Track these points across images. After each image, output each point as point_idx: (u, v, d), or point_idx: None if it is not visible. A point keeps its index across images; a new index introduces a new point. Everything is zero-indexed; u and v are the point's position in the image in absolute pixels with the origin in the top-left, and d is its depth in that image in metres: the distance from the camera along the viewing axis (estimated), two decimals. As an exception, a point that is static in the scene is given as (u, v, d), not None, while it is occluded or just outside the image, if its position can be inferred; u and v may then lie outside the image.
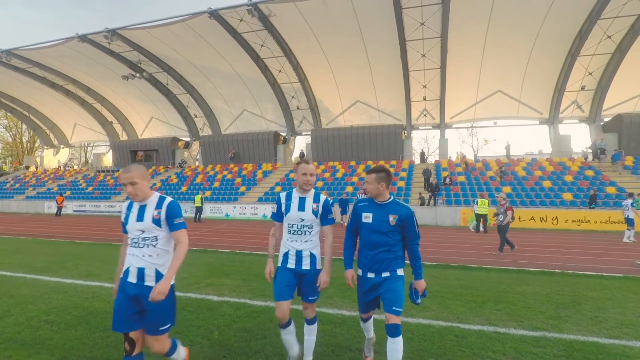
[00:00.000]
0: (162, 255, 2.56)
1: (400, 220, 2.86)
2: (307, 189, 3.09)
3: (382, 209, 2.92)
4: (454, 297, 5.35)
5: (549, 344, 3.68)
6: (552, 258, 9.16)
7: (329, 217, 3.10)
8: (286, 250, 3.09)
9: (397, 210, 2.90)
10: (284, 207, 3.11)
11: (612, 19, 20.12)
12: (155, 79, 30.11)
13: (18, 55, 28.33)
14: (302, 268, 3.04)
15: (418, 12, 20.90)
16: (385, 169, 2.94)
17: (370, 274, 2.92)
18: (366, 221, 2.94)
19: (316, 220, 3.08)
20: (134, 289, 2.51)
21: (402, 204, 2.96)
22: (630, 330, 4.09)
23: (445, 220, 18.80)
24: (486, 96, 26.42)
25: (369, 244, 2.92)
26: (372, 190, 2.94)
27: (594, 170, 21.15)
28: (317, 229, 3.12)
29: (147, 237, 2.55)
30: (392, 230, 2.86)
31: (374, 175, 2.91)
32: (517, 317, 4.51)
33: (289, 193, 3.17)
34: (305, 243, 3.04)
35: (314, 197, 3.11)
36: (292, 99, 29.01)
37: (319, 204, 3.08)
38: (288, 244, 3.08)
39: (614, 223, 16.31)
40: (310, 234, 3.06)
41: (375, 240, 2.88)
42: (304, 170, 3.06)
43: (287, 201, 3.12)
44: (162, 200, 2.61)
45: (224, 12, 22.30)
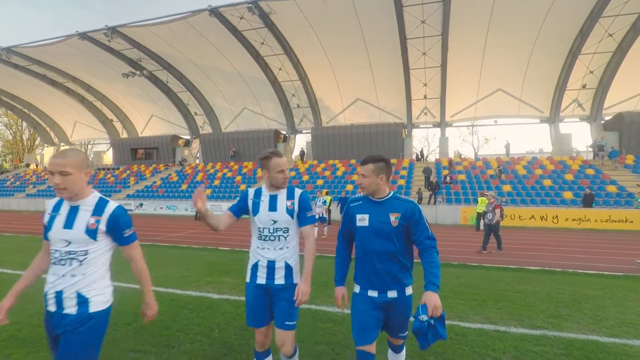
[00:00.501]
0: (88, 276, 1.92)
1: (405, 219, 2.27)
2: (284, 187, 2.54)
3: (380, 208, 2.34)
4: (454, 295, 5.35)
5: (549, 342, 3.68)
6: (553, 257, 9.16)
7: (308, 215, 2.54)
8: (255, 261, 2.49)
9: (398, 206, 2.31)
10: (251, 205, 2.54)
11: (613, 17, 20.06)
12: (155, 77, 30.07)
13: (18, 53, 28.30)
14: (274, 283, 2.44)
15: (419, 10, 20.84)
16: (384, 158, 2.37)
17: (371, 291, 2.32)
18: (362, 224, 2.35)
19: (293, 222, 2.50)
20: (53, 320, 1.93)
21: (403, 198, 2.39)
22: (630, 329, 4.09)
23: (446, 218, 18.80)
24: (487, 94, 26.38)
25: (367, 252, 2.33)
26: (370, 185, 2.34)
27: (595, 169, 21.13)
28: (295, 233, 2.53)
29: (74, 251, 1.90)
30: (396, 233, 2.27)
31: (372, 166, 2.32)
32: (518, 315, 4.51)
33: (258, 190, 2.60)
34: (280, 251, 2.45)
35: (288, 193, 2.55)
36: (293, 97, 28.97)
37: (295, 201, 2.51)
38: (258, 253, 2.48)
39: (614, 222, 16.32)
40: (285, 239, 2.47)
41: (374, 248, 2.29)
42: (279, 166, 2.47)
43: (255, 198, 2.55)
44: (102, 205, 1.97)
45: (224, 10, 22.26)
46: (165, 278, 6.24)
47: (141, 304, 2.21)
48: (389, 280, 2.29)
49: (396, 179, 23.16)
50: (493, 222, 9.50)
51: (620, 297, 5.47)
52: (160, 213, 24.09)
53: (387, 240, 2.28)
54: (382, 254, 2.29)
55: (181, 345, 3.49)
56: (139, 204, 25.25)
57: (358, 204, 2.44)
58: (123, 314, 4.18)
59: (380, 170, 2.33)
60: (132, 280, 6.27)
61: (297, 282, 2.46)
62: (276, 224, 2.47)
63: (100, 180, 30.97)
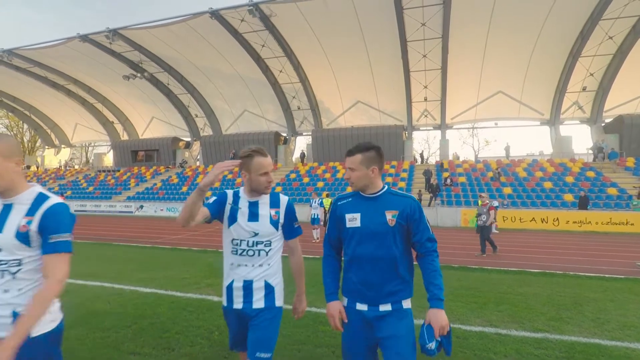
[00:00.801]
0: (26, 292, 1.54)
1: (403, 218, 1.92)
2: (267, 192, 2.14)
3: (373, 205, 1.98)
4: (455, 298, 5.33)
5: (551, 345, 3.67)
6: (553, 259, 9.14)
7: (295, 226, 2.20)
8: (230, 281, 2.09)
9: (396, 202, 1.96)
10: (228, 211, 2.12)
11: (613, 20, 20.09)
12: (156, 79, 30.13)
13: (19, 55, 28.38)
14: (252, 306, 2.05)
15: (419, 13, 20.89)
16: (375, 146, 2.03)
17: (360, 305, 1.94)
18: (352, 225, 1.98)
19: (277, 234, 2.13)
20: None
21: (401, 193, 2.05)
22: (632, 332, 4.08)
23: (446, 221, 18.77)
24: (487, 97, 26.40)
25: (358, 258, 1.95)
26: (359, 179, 1.98)
27: (595, 172, 21.12)
28: (278, 247, 2.16)
29: (4, 260, 1.53)
30: (394, 235, 1.91)
31: (360, 157, 1.96)
32: (519, 318, 4.50)
33: (236, 193, 2.18)
34: (260, 268, 2.06)
35: (271, 201, 2.15)
36: (293, 99, 29.01)
37: (280, 210, 2.14)
38: (233, 271, 2.08)
39: (615, 224, 16.28)
40: (267, 255, 2.08)
41: (368, 253, 1.92)
42: (262, 167, 2.06)
43: (233, 204, 2.13)
44: (40, 202, 1.61)
45: (225, 12, 22.32)
46: (166, 280, 6.24)
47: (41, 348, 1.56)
48: (384, 293, 1.91)
49: (397, 182, 23.14)
50: (487, 223, 9.48)
51: (621, 299, 5.46)
52: (160, 215, 24.09)
53: (383, 244, 1.91)
54: (377, 261, 1.92)
55: (181, 348, 3.49)
56: (140, 206, 25.25)
57: (347, 202, 2.06)
58: (123, 317, 4.18)
59: (370, 161, 1.96)
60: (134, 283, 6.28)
61: (280, 305, 2.12)
62: (257, 236, 2.07)
63: (101, 182, 30.98)
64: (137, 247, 10.30)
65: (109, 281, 6.10)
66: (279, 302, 2.12)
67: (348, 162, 2.01)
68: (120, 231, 14.65)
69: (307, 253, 9.27)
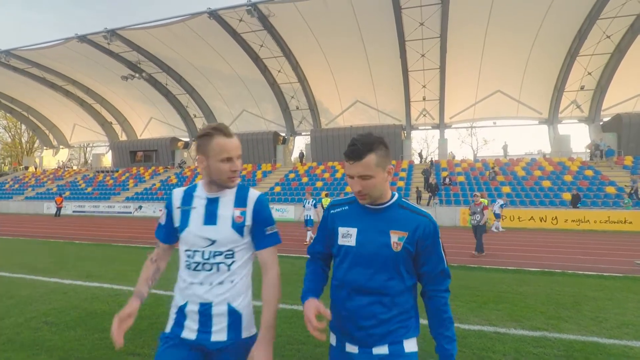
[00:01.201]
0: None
1: (413, 242, 1.46)
2: (231, 186, 1.61)
3: (376, 219, 1.50)
4: (454, 297, 5.32)
5: (550, 344, 3.67)
6: (552, 258, 9.16)
7: (267, 233, 1.61)
8: (183, 303, 1.57)
9: (406, 220, 1.48)
10: (178, 215, 1.63)
11: (611, 19, 20.16)
12: (154, 80, 30.10)
13: (17, 56, 28.33)
14: (210, 339, 1.52)
15: (417, 12, 20.92)
16: (382, 139, 1.52)
17: (351, 346, 1.50)
18: (346, 243, 1.52)
19: (242, 242, 1.58)
20: None
21: (414, 207, 1.54)
22: (630, 330, 4.09)
23: (445, 220, 18.80)
24: (486, 96, 26.45)
25: (348, 286, 1.50)
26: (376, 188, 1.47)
27: (594, 170, 21.18)
28: (246, 259, 1.62)
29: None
30: (396, 262, 1.45)
31: (374, 157, 1.43)
32: (518, 317, 4.50)
33: (189, 190, 1.67)
34: (220, 287, 1.54)
35: (237, 197, 1.62)
36: (292, 99, 29.02)
37: (247, 209, 1.60)
38: (186, 290, 1.57)
39: (614, 223, 16.34)
40: (229, 269, 1.55)
41: (361, 282, 1.47)
42: (224, 150, 1.53)
43: (183, 204, 1.63)
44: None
45: (223, 13, 22.31)
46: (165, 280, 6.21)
47: None
48: (379, 334, 1.45)
49: (395, 181, 23.16)
50: (481, 223, 9.46)
51: (620, 298, 5.47)
52: (159, 216, 24.04)
53: (381, 273, 1.45)
54: (372, 293, 1.46)
55: (180, 349, 3.48)
56: (138, 207, 25.23)
57: (342, 211, 1.59)
58: (122, 317, 4.16)
59: (386, 159, 1.47)
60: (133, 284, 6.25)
61: (247, 336, 1.58)
62: (214, 245, 1.54)
63: (99, 183, 30.93)
64: (136, 248, 10.28)
65: (108, 282, 6.09)
66: (246, 332, 1.58)
67: (358, 167, 1.43)
68: (119, 232, 14.63)
69: (301, 252, 9.29)
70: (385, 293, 1.46)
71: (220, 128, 1.58)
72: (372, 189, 1.46)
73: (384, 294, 1.46)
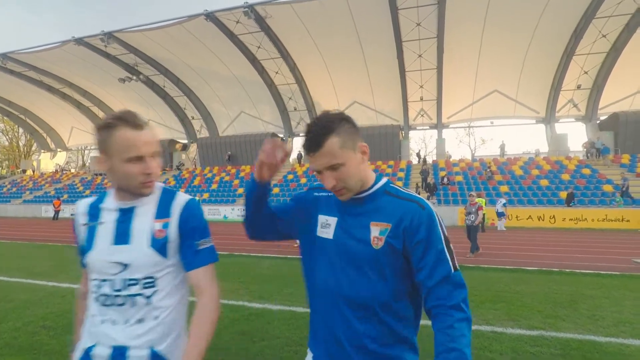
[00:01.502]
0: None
1: (398, 235, 1.15)
2: (146, 193, 1.23)
3: (356, 210, 1.22)
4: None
5: (546, 342, 3.69)
6: (550, 257, 9.18)
7: (198, 248, 1.24)
8: (89, 345, 1.20)
9: (391, 209, 1.18)
10: (84, 234, 1.26)
11: (606, 18, 20.24)
12: (152, 82, 30.07)
13: (14, 59, 28.25)
14: None
15: (414, 13, 20.96)
16: (343, 114, 1.20)
17: None
18: (324, 235, 1.25)
19: (166, 264, 1.22)
20: None
21: (404, 192, 1.23)
22: (627, 328, 4.11)
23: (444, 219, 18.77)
24: (483, 96, 26.52)
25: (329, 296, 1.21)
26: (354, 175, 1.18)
27: (591, 169, 21.25)
28: (173, 286, 1.24)
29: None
30: (378, 263, 1.15)
31: (336, 139, 1.13)
32: (515, 316, 4.52)
33: (96, 202, 1.29)
34: (139, 326, 1.17)
35: (160, 205, 1.26)
36: (290, 100, 29.03)
37: (172, 220, 1.24)
38: (95, 329, 1.20)
39: (611, 221, 16.40)
40: (148, 302, 1.18)
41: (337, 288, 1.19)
42: (133, 148, 1.15)
43: (90, 220, 1.26)
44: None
45: (220, 14, 22.31)
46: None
47: None
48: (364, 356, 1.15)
49: (394, 181, 23.12)
50: (475, 223, 9.43)
51: (617, 296, 5.50)
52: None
53: (361, 277, 1.15)
54: (351, 304, 1.15)
55: (179, 351, 3.48)
56: (137, 209, 25.18)
57: (326, 196, 1.31)
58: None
59: (353, 139, 1.16)
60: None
61: None
62: (127, 271, 1.17)
63: (98, 186, 30.87)
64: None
65: (106, 285, 6.08)
66: None
67: (321, 158, 1.13)
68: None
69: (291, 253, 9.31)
70: (367, 306, 1.14)
71: (125, 117, 1.17)
72: (348, 179, 1.15)
73: (366, 307, 1.14)
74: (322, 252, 1.24)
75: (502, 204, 16.05)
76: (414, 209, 1.15)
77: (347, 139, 1.14)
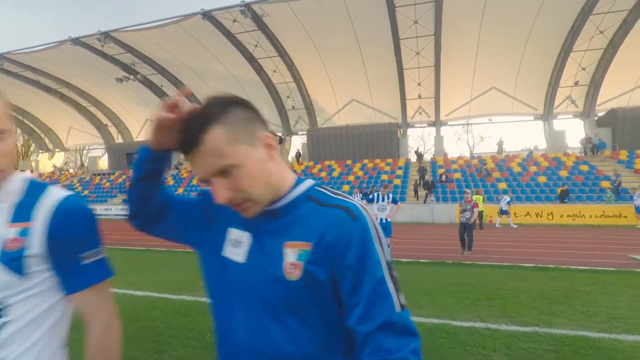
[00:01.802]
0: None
1: (321, 258, 0.79)
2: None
3: (269, 226, 0.84)
4: (447, 294, 5.37)
5: (540, 339, 3.71)
6: (547, 253, 9.20)
7: (84, 263, 0.91)
8: None
9: (311, 222, 0.81)
10: None
11: (603, 15, 20.23)
12: (149, 81, 30.02)
13: (11, 59, 28.18)
14: None
15: (411, 10, 20.93)
16: (233, 97, 0.84)
17: None
18: (232, 256, 0.85)
19: (23, 285, 0.84)
20: None
21: (330, 197, 0.85)
22: (620, 324, 4.13)
23: (442, 217, 18.86)
24: (481, 93, 26.52)
25: (228, 346, 0.85)
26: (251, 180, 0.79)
27: (589, 165, 21.28)
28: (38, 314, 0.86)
29: None
30: (298, 301, 0.79)
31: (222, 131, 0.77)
32: (510, 313, 4.54)
33: None
34: None
35: (19, 204, 0.88)
36: (287, 99, 29.00)
37: (35, 225, 0.86)
38: None
39: (609, 217, 16.43)
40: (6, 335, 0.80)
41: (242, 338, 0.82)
42: None
43: None
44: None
45: (216, 13, 22.27)
46: (160, 283, 6.24)
47: None
48: None
49: (392, 179, 23.20)
50: (471, 221, 9.42)
51: (612, 292, 5.51)
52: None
53: (278, 325, 0.80)
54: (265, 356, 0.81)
55: (173, 351, 3.50)
56: (135, 209, 25.18)
57: None
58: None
59: (248, 128, 0.83)
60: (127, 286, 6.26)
61: None
62: None
63: (96, 186, 30.86)
64: (131, 250, 10.28)
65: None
66: None
67: (202, 159, 0.79)
68: (116, 234, 14.59)
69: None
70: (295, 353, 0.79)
71: None
72: (248, 187, 0.78)
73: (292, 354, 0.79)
74: (226, 281, 0.85)
75: (506, 202, 16.07)
76: (340, 219, 0.79)
77: (239, 129, 0.78)
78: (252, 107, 0.88)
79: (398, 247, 9.53)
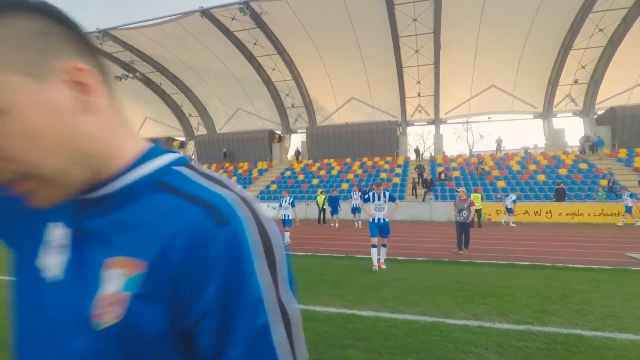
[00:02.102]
0: None
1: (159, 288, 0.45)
2: None
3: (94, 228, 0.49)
4: (442, 292, 5.38)
5: (532, 337, 3.71)
6: (544, 252, 9.21)
7: None
8: None
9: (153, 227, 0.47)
10: None
11: (603, 12, 20.17)
12: (148, 79, 29.97)
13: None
14: None
15: (410, 8, 20.88)
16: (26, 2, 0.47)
17: None
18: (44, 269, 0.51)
19: None
20: None
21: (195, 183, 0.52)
22: (614, 322, 4.13)
23: (441, 215, 18.85)
24: (480, 91, 26.46)
25: None
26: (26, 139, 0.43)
27: (588, 164, 21.26)
28: None
29: None
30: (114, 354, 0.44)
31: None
32: (504, 311, 4.54)
33: None
34: None
35: None
36: (287, 97, 28.96)
37: None
38: None
39: (607, 215, 16.42)
40: None
41: None
42: None
43: None
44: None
45: (215, 11, 22.22)
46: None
47: None
48: None
49: (391, 177, 23.19)
50: (469, 220, 9.37)
51: (607, 290, 5.52)
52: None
53: None
54: None
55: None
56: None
57: None
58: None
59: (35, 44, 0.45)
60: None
61: None
62: None
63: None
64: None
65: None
66: None
67: None
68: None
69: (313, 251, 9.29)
70: None
71: None
72: (23, 152, 0.44)
73: None
74: (38, 317, 0.52)
75: (512, 200, 16.05)
76: (196, 226, 0.47)
77: (14, 48, 0.45)
78: (58, 19, 0.52)
79: (395, 246, 9.53)
